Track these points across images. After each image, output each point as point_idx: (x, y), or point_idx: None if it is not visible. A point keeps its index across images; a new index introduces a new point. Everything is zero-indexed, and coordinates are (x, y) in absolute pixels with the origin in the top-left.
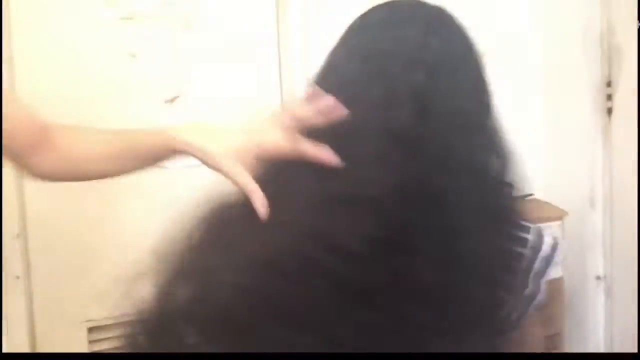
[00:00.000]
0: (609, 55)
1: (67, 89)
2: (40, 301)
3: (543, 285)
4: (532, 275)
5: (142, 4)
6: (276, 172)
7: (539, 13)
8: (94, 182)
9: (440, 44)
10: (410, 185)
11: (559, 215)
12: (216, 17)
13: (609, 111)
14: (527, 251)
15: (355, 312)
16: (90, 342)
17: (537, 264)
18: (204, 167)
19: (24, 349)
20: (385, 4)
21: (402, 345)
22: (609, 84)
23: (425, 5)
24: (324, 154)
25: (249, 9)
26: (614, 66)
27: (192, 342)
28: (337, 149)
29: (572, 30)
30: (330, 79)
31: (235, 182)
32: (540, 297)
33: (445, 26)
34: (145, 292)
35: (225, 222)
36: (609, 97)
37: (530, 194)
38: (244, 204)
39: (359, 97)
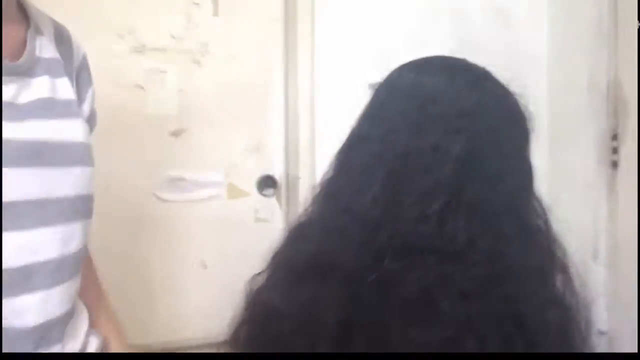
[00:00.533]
0: (615, 108)
1: None
2: None
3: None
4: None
5: (153, 37)
6: None
7: (545, 62)
8: None
9: (481, 108)
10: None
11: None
12: (224, 55)
13: (614, 164)
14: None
15: None
16: None
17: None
18: None
19: None
20: (413, 65)
21: None
22: (614, 137)
23: (457, 65)
24: None
25: (258, 49)
26: (620, 119)
27: None
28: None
29: (578, 81)
30: (361, 150)
31: None
32: None
33: (485, 90)
34: None
35: None
36: (615, 150)
37: None
38: None
39: (398, 171)
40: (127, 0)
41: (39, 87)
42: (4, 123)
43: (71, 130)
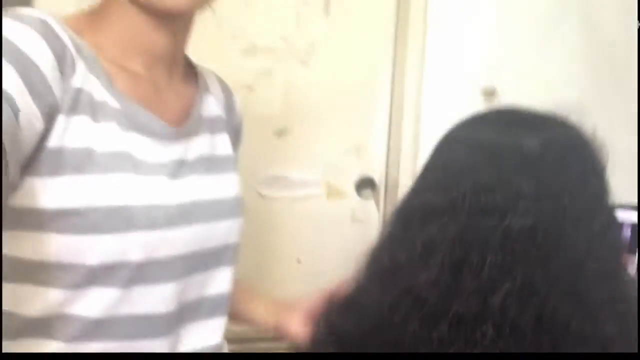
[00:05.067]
0: None
1: None
2: None
3: None
4: None
5: (264, 38)
6: None
7: None
8: None
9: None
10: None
11: None
12: (332, 56)
13: None
14: None
15: None
16: None
17: None
18: None
19: None
20: (485, 121)
21: None
22: None
23: (539, 127)
24: None
25: (366, 50)
26: None
27: None
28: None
29: None
30: (422, 222)
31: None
32: None
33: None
34: None
35: None
36: None
37: None
38: None
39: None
40: (242, 2)
41: (200, 145)
42: (166, 179)
43: (226, 185)
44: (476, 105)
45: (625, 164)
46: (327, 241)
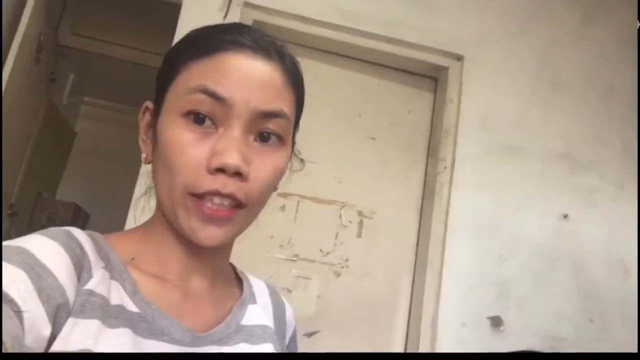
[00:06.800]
0: None
1: None
2: None
3: None
4: None
5: (306, 250)
6: None
7: None
8: None
9: None
10: None
11: None
12: (361, 271)
13: None
14: None
15: None
16: None
17: None
18: None
19: None
20: None
21: None
22: None
23: None
24: None
25: (390, 269)
26: None
27: None
28: None
29: None
30: None
31: None
32: None
33: None
34: None
35: None
36: None
37: None
38: None
39: None
40: (291, 219)
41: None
42: None
43: None
44: (483, 328)
45: None
46: None
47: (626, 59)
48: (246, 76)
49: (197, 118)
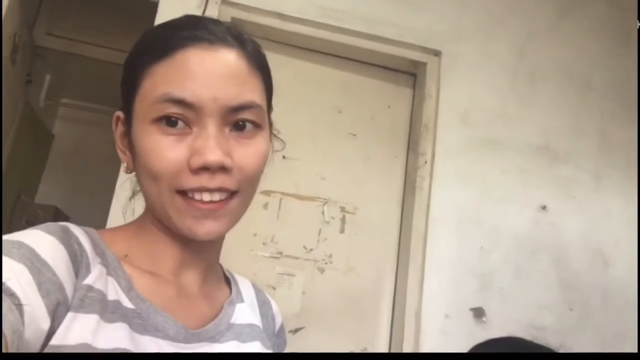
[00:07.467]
0: None
1: None
2: None
3: None
4: None
5: (289, 247)
6: None
7: None
8: None
9: None
10: None
11: None
12: (344, 267)
13: None
14: None
15: None
16: None
17: None
18: None
19: None
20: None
21: None
22: None
23: None
24: None
25: (373, 265)
26: None
27: None
28: None
29: None
30: None
31: None
32: None
33: None
34: None
35: None
36: None
37: None
38: None
39: None
40: (274, 216)
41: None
42: None
43: None
44: (466, 319)
45: None
46: None
47: (602, 52)
48: (210, 72)
49: (169, 122)
